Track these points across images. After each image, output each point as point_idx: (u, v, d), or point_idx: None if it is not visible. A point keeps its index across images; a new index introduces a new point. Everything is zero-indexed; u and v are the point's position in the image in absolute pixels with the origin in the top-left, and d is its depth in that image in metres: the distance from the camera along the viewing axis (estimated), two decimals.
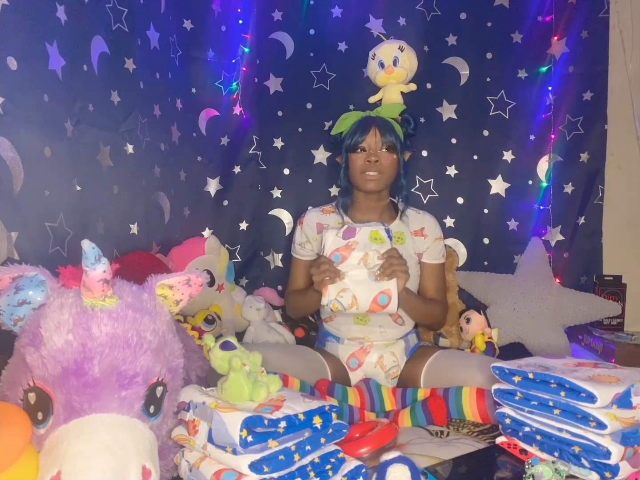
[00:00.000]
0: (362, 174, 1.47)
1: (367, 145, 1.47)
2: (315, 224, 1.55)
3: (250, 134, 2.02)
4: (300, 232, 1.57)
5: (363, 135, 1.46)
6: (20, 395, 0.78)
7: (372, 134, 1.46)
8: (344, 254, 1.31)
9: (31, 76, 1.02)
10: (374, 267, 1.30)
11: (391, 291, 1.29)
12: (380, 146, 1.46)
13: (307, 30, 1.97)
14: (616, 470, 0.87)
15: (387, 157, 1.47)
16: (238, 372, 0.88)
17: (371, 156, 1.45)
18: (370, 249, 1.30)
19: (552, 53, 1.94)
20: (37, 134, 1.04)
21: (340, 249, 1.31)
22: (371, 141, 1.46)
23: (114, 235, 1.36)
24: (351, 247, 1.31)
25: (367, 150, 1.47)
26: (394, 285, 1.29)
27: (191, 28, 1.84)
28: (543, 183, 1.98)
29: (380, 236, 1.32)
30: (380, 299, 1.29)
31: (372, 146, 1.46)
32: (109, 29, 1.33)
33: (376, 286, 1.29)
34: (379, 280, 1.29)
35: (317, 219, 1.56)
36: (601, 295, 1.82)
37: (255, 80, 2.00)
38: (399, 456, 0.87)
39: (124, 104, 1.38)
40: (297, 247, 1.58)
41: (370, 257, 1.30)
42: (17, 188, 0.98)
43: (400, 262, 1.30)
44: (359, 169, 1.48)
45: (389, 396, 1.34)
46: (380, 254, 1.30)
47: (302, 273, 1.57)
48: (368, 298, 1.29)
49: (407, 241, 1.52)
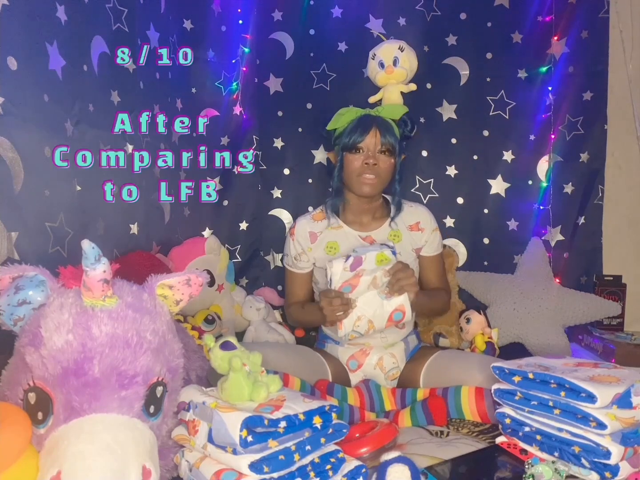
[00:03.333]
0: (358, 177, 1.42)
1: (365, 145, 1.42)
2: (308, 233, 1.51)
3: (250, 134, 2.02)
4: (293, 245, 1.53)
5: (363, 135, 1.41)
6: (20, 395, 0.78)
7: (372, 134, 1.42)
8: (353, 283, 1.28)
9: (31, 76, 1.02)
10: (382, 285, 1.28)
11: (404, 306, 1.28)
12: (379, 148, 1.42)
13: (307, 30, 1.97)
14: (616, 470, 0.87)
15: (385, 161, 1.43)
16: (238, 372, 0.88)
17: (370, 158, 1.41)
18: (377, 271, 1.29)
19: (552, 53, 1.94)
20: (37, 134, 1.04)
21: (349, 280, 1.29)
22: (370, 142, 1.42)
23: (114, 235, 1.36)
24: (359, 275, 1.28)
25: (365, 151, 1.42)
26: (406, 299, 1.28)
27: (191, 28, 1.85)
28: (543, 183, 1.98)
29: (386, 257, 1.30)
30: (395, 316, 1.28)
31: (371, 147, 1.42)
32: (109, 29, 1.33)
33: (388, 304, 1.28)
34: (389, 298, 1.27)
35: (309, 228, 1.52)
36: (601, 295, 1.81)
37: (255, 80, 2.00)
38: (399, 456, 0.87)
39: (124, 104, 1.38)
40: (293, 260, 1.53)
41: (378, 278, 1.28)
42: (17, 188, 0.98)
43: (407, 275, 1.27)
44: (355, 171, 1.43)
45: (388, 396, 1.34)
46: (387, 271, 1.28)
47: (300, 287, 1.55)
48: (383, 318, 1.28)
49: (404, 238, 1.51)
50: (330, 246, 1.49)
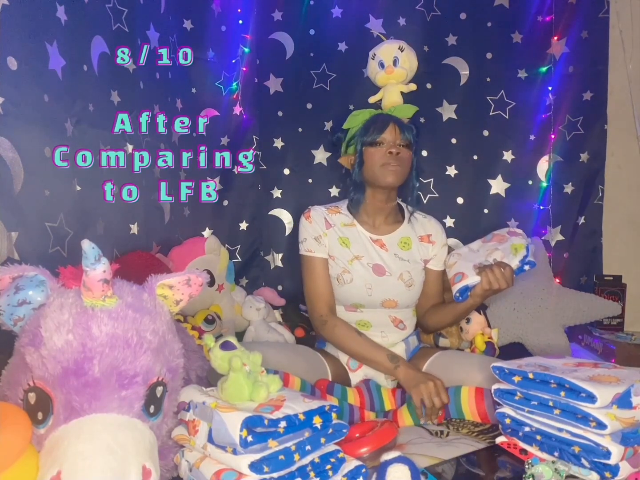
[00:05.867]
0: (382, 166, 1.41)
1: (385, 139, 1.42)
2: (324, 218, 1.48)
3: (250, 134, 2.02)
4: (311, 226, 1.47)
5: (383, 130, 1.42)
6: (20, 395, 0.78)
7: (392, 130, 1.42)
8: (496, 237, 1.45)
9: (31, 76, 1.02)
10: (484, 261, 1.38)
11: (467, 279, 1.36)
12: (398, 142, 1.42)
13: (307, 31, 1.98)
14: (616, 470, 0.87)
15: (406, 152, 1.44)
16: (238, 372, 0.88)
17: (393, 147, 1.41)
18: (504, 249, 1.39)
19: (552, 53, 1.94)
20: (37, 134, 1.04)
21: (497, 235, 1.46)
22: (390, 136, 1.42)
23: (114, 235, 1.36)
24: (501, 240, 1.43)
25: (385, 144, 1.42)
26: (474, 279, 1.34)
27: (191, 28, 1.85)
28: (543, 183, 1.98)
29: (520, 249, 1.38)
30: (457, 278, 1.38)
31: (392, 141, 1.42)
32: (109, 29, 1.33)
33: (468, 268, 1.38)
34: (475, 269, 1.36)
35: (324, 215, 1.50)
36: (601, 295, 1.82)
37: (255, 80, 2.00)
38: (399, 456, 0.87)
39: (124, 104, 1.38)
40: (314, 243, 1.45)
41: (493, 255, 1.38)
42: (17, 188, 0.98)
43: (501, 281, 1.30)
44: (378, 162, 1.42)
45: (388, 396, 1.34)
46: (500, 260, 1.36)
47: (326, 279, 1.45)
48: (458, 268, 1.40)
49: (414, 247, 1.50)
50: (343, 240, 1.47)
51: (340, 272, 1.44)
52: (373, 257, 1.46)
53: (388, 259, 1.46)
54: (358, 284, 1.43)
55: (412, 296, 1.48)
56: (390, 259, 1.46)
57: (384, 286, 1.44)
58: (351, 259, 1.45)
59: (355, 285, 1.43)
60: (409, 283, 1.46)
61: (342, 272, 1.44)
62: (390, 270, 1.45)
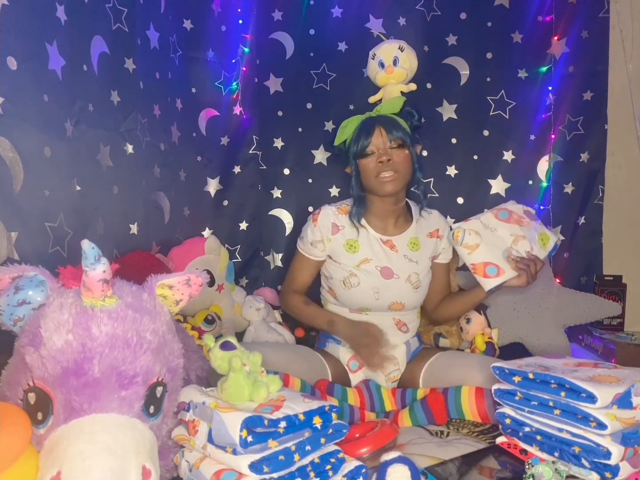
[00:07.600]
0: (377, 177, 1.39)
1: (374, 147, 1.39)
2: (331, 223, 1.46)
3: (250, 134, 2.01)
4: (313, 230, 1.45)
5: (368, 138, 1.39)
6: (20, 395, 0.78)
7: (378, 134, 1.39)
8: (514, 217, 1.37)
9: (31, 76, 1.02)
10: (513, 250, 1.35)
11: (505, 275, 1.34)
12: (389, 145, 1.39)
13: (307, 30, 1.97)
14: (616, 471, 0.87)
15: (399, 154, 1.39)
16: (238, 372, 0.88)
17: (382, 156, 1.37)
18: (531, 238, 1.35)
19: (552, 53, 1.94)
20: (37, 134, 1.04)
21: (514, 214, 1.37)
22: (378, 142, 1.39)
23: (114, 235, 1.36)
24: (521, 222, 1.36)
25: (375, 152, 1.39)
26: (512, 275, 1.34)
27: (191, 28, 1.84)
28: (543, 183, 1.98)
29: (547, 242, 1.37)
30: (489, 270, 1.37)
31: (381, 146, 1.39)
32: (109, 29, 1.32)
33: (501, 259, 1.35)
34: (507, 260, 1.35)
35: (333, 219, 1.45)
36: (601, 295, 1.81)
37: (255, 80, 2.00)
38: (399, 456, 0.87)
39: (124, 104, 1.38)
40: (309, 245, 1.47)
41: (521, 243, 1.35)
42: (17, 188, 0.98)
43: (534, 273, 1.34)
44: (372, 173, 1.39)
45: (388, 397, 1.34)
46: (530, 252, 1.34)
47: (306, 274, 1.50)
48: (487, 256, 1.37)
49: (422, 247, 1.48)
50: (350, 244, 1.45)
51: (347, 276, 1.43)
52: (381, 259, 1.44)
53: (397, 260, 1.45)
54: (365, 288, 1.42)
55: (418, 298, 1.48)
56: (399, 260, 1.45)
57: (391, 289, 1.43)
58: (358, 263, 1.43)
59: (362, 289, 1.42)
60: (416, 285, 1.45)
61: (348, 276, 1.43)
62: (398, 272, 1.43)
